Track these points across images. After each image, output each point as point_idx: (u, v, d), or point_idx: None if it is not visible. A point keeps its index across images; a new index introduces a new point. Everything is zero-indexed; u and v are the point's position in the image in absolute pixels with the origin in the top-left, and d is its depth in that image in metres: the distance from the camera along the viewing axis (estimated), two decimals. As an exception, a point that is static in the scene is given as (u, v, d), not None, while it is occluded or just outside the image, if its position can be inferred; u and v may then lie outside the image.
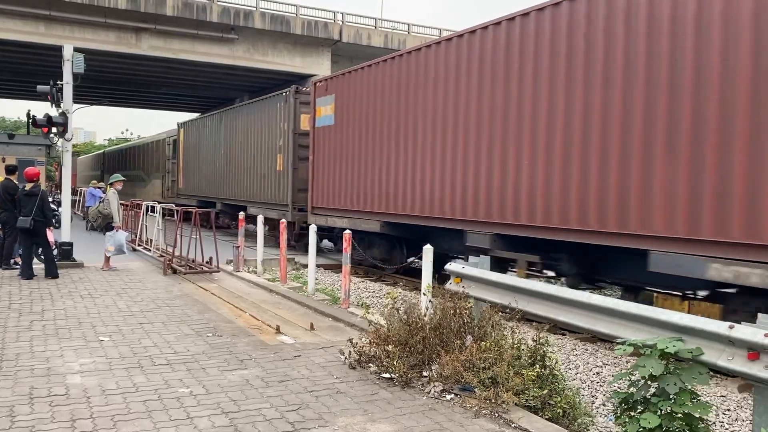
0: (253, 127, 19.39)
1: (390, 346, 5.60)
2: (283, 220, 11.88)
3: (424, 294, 6.77)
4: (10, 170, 11.95)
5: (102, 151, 54.80)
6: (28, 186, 10.71)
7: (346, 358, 5.88)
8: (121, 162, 40.72)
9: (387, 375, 5.40)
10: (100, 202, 13.22)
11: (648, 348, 4.05)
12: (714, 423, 5.31)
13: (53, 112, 12.36)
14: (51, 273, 10.60)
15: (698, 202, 6.69)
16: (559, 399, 4.74)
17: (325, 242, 17.41)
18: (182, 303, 8.76)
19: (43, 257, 11.04)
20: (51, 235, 11.48)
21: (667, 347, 3.96)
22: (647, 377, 3.99)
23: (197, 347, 6.36)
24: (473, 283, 6.64)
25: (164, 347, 6.34)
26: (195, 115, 51.32)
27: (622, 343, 4.30)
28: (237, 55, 29.90)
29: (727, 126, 6.47)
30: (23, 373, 5.36)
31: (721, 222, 6.46)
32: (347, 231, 9.69)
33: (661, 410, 3.92)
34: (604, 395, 5.97)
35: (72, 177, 44.00)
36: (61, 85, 12.31)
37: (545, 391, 4.75)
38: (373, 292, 11.50)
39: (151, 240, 14.75)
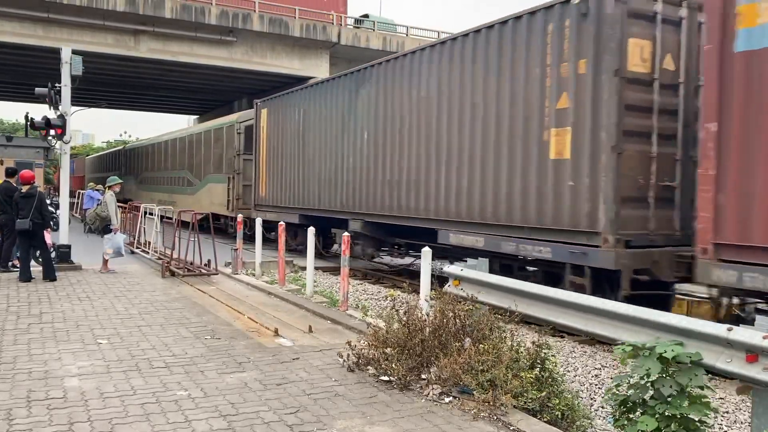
0: (460, 81, 10.33)
1: (388, 349, 5.59)
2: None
3: (426, 300, 6.76)
4: (9, 173, 11.94)
5: (122, 147, 43.79)
6: (25, 188, 10.70)
7: (344, 360, 5.87)
8: (152, 160, 32.12)
9: (385, 377, 5.39)
10: (98, 204, 13.21)
11: (647, 350, 4.05)
12: (713, 425, 5.30)
13: (51, 114, 12.34)
14: (48, 276, 10.58)
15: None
16: (557, 401, 4.73)
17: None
18: (180, 305, 8.74)
19: (40, 260, 11.03)
20: (49, 237, 11.45)
21: (665, 351, 3.96)
22: (645, 378, 3.99)
23: (195, 350, 6.35)
24: (472, 285, 6.63)
25: (162, 350, 6.32)
26: (193, 118, 51.05)
27: (622, 345, 4.30)
28: (235, 57, 29.89)
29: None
30: (21, 376, 5.35)
31: None
32: (346, 234, 9.62)
33: (659, 413, 3.92)
34: (603, 398, 5.97)
35: (75, 179, 42.93)
36: (59, 87, 12.30)
37: (543, 394, 4.75)
38: (372, 294, 11.49)
39: (150, 242, 14.73)
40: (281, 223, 11.67)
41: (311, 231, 10.52)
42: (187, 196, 24.82)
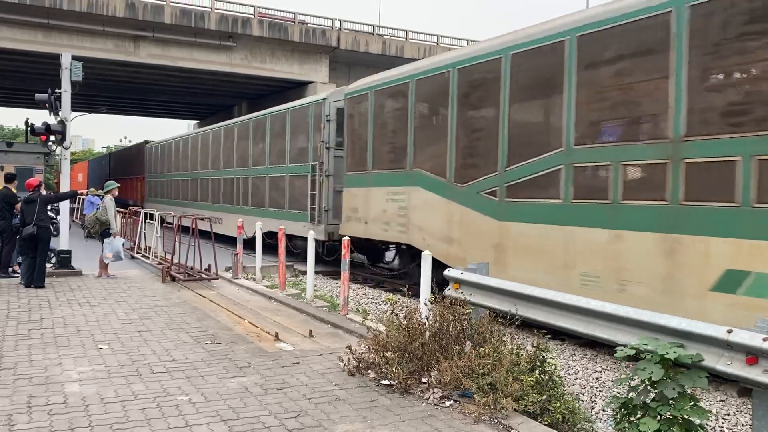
0: None
1: (389, 353, 5.59)
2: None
3: (424, 304, 6.76)
4: (8, 179, 11.97)
5: (224, 125, 22.01)
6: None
7: (345, 364, 5.87)
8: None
9: (386, 381, 5.39)
10: (97, 209, 13.22)
11: (648, 353, 4.05)
12: (713, 428, 5.30)
13: (51, 120, 12.37)
14: (37, 282, 10.44)
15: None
16: (558, 404, 4.73)
17: None
18: (181, 310, 8.74)
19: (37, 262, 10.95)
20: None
21: (667, 353, 3.96)
22: (647, 381, 3.99)
23: (196, 355, 6.35)
24: (472, 288, 6.63)
25: (163, 355, 6.32)
26: (193, 123, 51.01)
27: (623, 348, 4.30)
28: (235, 62, 29.97)
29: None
30: (21, 382, 5.35)
31: None
32: (346, 237, 9.64)
33: (660, 415, 3.92)
34: (604, 400, 5.97)
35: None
36: (59, 93, 12.32)
37: (544, 397, 4.75)
38: (372, 298, 11.48)
39: (150, 247, 14.74)
40: (281, 227, 11.65)
41: (311, 235, 10.52)
42: None
